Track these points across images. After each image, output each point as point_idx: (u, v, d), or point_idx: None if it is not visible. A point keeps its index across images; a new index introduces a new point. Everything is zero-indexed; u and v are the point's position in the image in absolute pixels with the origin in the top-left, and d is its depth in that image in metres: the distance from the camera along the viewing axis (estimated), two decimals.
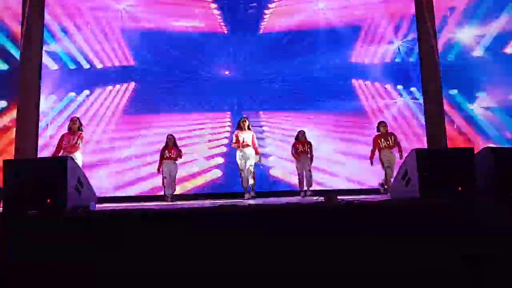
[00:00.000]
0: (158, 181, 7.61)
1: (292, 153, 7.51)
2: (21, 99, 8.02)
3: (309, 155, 7.43)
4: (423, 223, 3.24)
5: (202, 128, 8.56)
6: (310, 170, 7.39)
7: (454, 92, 8.55)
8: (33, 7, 8.07)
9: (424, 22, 8.44)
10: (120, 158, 8.27)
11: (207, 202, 5.90)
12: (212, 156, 8.47)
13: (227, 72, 8.71)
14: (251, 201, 6.08)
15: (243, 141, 7.07)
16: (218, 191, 8.08)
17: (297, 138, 7.52)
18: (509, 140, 8.30)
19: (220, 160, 8.44)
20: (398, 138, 7.32)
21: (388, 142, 7.11)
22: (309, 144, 7.49)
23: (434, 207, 3.40)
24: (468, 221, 3.23)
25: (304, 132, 7.56)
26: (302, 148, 7.42)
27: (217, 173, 8.43)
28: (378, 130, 7.27)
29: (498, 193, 3.90)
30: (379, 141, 7.15)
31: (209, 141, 8.53)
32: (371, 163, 7.23)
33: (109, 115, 8.39)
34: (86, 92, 8.42)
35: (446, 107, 8.43)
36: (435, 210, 3.35)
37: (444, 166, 3.97)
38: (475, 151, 4.22)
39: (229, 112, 8.62)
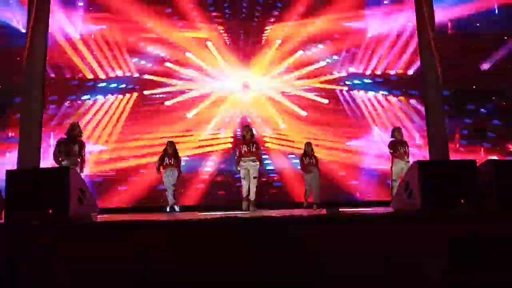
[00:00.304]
0: (158, 193, 7.62)
1: (300, 166, 7.42)
2: (24, 107, 8.04)
3: (317, 168, 7.33)
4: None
5: (204, 139, 8.58)
6: (318, 185, 7.25)
7: (454, 103, 8.62)
8: (38, 19, 8.14)
9: (426, 33, 8.51)
10: (121, 168, 8.29)
11: (208, 214, 5.86)
12: (214, 167, 8.48)
13: (229, 84, 8.76)
14: (254, 213, 6.02)
15: (246, 151, 6.87)
16: (219, 202, 8.09)
17: (304, 151, 7.45)
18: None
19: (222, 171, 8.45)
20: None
21: (404, 149, 6.80)
22: (316, 157, 7.43)
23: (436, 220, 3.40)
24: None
25: (310, 144, 7.48)
26: (309, 161, 7.33)
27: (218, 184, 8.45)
28: (393, 136, 6.95)
29: (501, 206, 3.90)
30: (397, 146, 6.82)
31: (212, 151, 8.54)
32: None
33: (111, 125, 8.43)
34: (89, 102, 8.46)
35: (448, 118, 8.45)
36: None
37: (446, 178, 3.95)
38: (478, 162, 4.22)
39: (231, 123, 8.64)
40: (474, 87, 8.76)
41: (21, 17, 8.30)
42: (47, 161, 7.82)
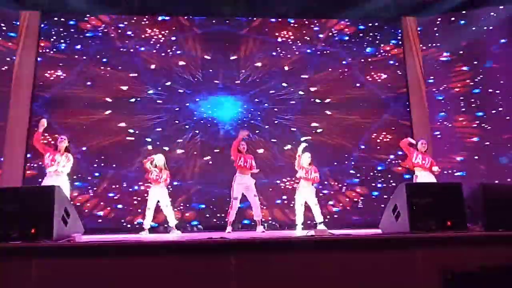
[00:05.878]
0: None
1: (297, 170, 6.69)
2: (11, 125, 8.01)
3: (313, 184, 6.58)
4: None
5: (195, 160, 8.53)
6: (316, 203, 6.54)
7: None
8: (26, 40, 8.27)
9: (414, 71, 8.76)
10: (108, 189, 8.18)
11: (195, 235, 5.77)
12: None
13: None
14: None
15: (246, 166, 6.31)
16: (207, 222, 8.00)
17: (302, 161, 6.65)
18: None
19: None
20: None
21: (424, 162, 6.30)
22: (314, 170, 6.59)
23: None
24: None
25: (307, 155, 6.68)
26: (304, 175, 6.53)
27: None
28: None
29: (487, 229, 3.92)
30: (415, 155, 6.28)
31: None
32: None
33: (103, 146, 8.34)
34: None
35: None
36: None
37: (434, 201, 3.98)
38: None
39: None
40: None
41: None
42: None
